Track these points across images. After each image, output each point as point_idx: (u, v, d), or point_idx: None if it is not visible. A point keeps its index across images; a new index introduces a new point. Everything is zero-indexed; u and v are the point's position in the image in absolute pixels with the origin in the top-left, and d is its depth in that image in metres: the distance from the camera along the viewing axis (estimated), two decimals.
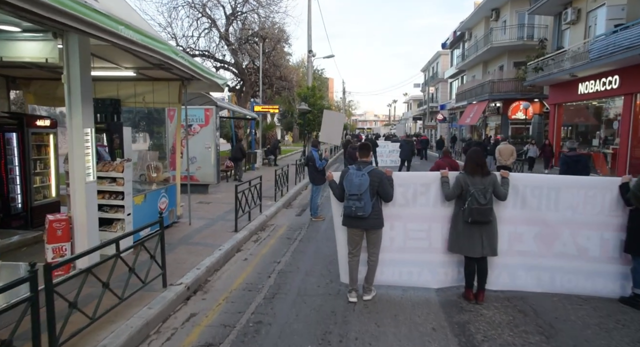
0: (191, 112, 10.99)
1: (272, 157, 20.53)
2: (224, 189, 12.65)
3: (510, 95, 24.45)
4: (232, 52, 21.38)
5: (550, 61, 16.17)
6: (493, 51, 25.82)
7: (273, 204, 10.16)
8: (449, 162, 8.56)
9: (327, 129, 9.18)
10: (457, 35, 35.79)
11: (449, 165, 8.66)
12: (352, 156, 12.74)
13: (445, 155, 8.86)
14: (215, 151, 11.06)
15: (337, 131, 9.38)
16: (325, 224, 8.67)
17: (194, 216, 8.37)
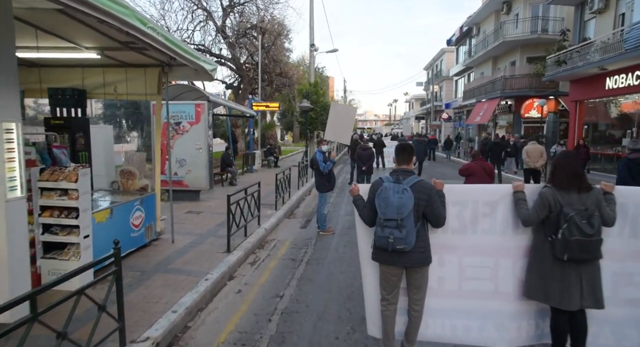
0: (180, 108, 9.63)
1: (271, 159, 19.16)
2: (218, 195, 11.28)
3: (524, 93, 23.09)
4: (229, 45, 20.02)
5: (574, 54, 14.85)
6: (505, 46, 24.47)
7: (273, 214, 8.80)
8: (483, 166, 7.21)
9: (334, 125, 7.77)
10: (463, 31, 34.42)
11: (484, 170, 7.33)
12: (362, 158, 11.38)
13: (477, 159, 7.51)
14: (208, 152, 9.70)
15: (346, 127, 7.92)
16: (337, 238, 7.30)
17: (179, 230, 7.01)
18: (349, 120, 7.83)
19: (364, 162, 11.31)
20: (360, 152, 11.44)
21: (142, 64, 5.89)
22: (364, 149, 11.46)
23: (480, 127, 31.66)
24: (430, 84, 49.14)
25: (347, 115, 7.85)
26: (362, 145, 11.62)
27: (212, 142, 9.96)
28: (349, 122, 7.84)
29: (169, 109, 9.49)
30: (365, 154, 11.37)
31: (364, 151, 11.41)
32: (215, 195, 11.15)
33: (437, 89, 45.66)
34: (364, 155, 11.35)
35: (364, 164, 11.30)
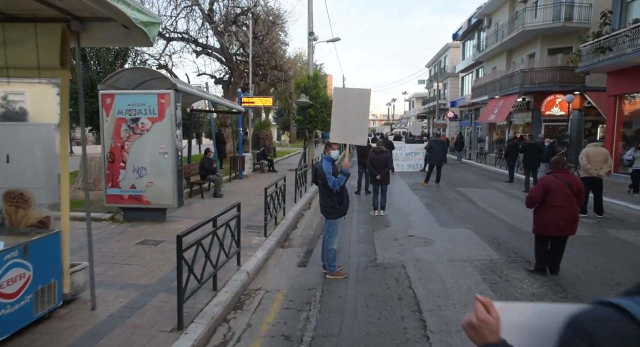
0: (137, 100, 7.23)
1: (264, 162, 16.76)
2: (193, 211, 8.88)
3: (546, 88, 20.83)
4: (216, 32, 17.57)
5: (620, 38, 12.59)
6: (523, 37, 22.17)
7: (261, 243, 6.42)
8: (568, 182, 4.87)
9: (342, 119, 5.35)
10: (471, 23, 32.13)
11: (569, 187, 4.98)
12: (376, 165, 9.02)
13: (558, 168, 5.15)
14: (176, 158, 7.30)
15: (359, 121, 5.42)
16: (352, 287, 4.92)
17: (115, 278, 4.64)
18: (363, 109, 5.37)
19: (378, 169, 8.95)
20: (374, 156, 9.08)
21: (32, 16, 3.49)
22: (378, 152, 9.09)
23: (491, 126, 29.39)
24: (433, 82, 46.88)
25: (360, 103, 5.37)
26: (375, 148, 9.25)
27: (181, 145, 7.56)
28: (363, 113, 5.39)
29: (124, 101, 7.11)
30: (379, 159, 9.00)
31: (378, 155, 9.04)
32: (190, 212, 8.75)
33: (441, 87, 43.35)
34: (379, 160, 8.98)
35: (378, 171, 8.93)
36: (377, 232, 7.56)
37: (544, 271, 5.16)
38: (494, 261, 5.79)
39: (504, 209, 9.66)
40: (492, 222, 8.30)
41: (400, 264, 5.74)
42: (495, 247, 6.49)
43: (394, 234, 7.43)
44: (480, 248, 6.41)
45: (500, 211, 9.41)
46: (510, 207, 9.84)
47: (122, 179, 7.39)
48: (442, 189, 12.81)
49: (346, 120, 5.29)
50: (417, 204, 10.30)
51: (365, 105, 5.37)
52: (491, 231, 7.50)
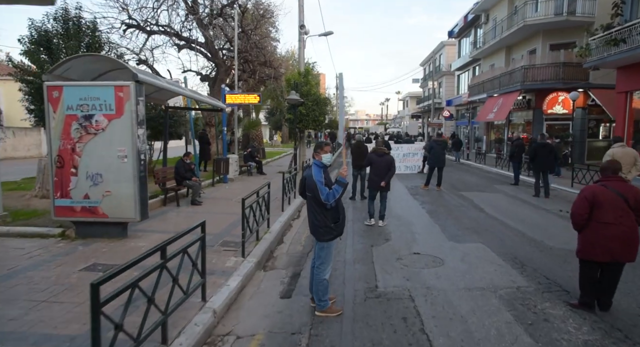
0: (90, 93, 6.06)
1: (252, 164, 15.60)
2: (163, 223, 7.70)
3: (548, 85, 19.90)
4: (200, 24, 16.38)
5: (639, 29, 11.61)
6: (523, 32, 21.25)
7: (236, 268, 5.29)
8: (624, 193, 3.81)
9: None
10: (468, 20, 31.22)
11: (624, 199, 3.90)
12: (377, 169, 7.93)
13: (607, 174, 4.09)
14: (137, 162, 6.14)
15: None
16: (349, 330, 3.78)
17: (35, 325, 3.49)
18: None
19: (379, 174, 7.82)
20: (375, 159, 7.95)
21: None
22: (379, 154, 7.97)
23: (488, 125, 28.48)
24: (428, 80, 45.94)
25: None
26: (377, 149, 8.11)
27: (144, 147, 6.38)
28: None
29: (74, 95, 5.95)
30: (382, 162, 7.86)
31: (380, 158, 7.91)
32: (160, 224, 7.58)
33: (436, 86, 42.42)
34: (380, 164, 7.85)
35: (380, 177, 7.79)
36: (376, 248, 6.46)
37: (591, 306, 4.08)
38: (521, 289, 4.70)
39: (516, 217, 8.61)
40: (506, 234, 7.24)
41: (407, 293, 4.64)
42: (518, 268, 5.41)
43: (396, 250, 6.34)
44: (501, 270, 5.33)
45: (513, 219, 8.35)
46: (524, 215, 8.80)
47: (73, 187, 6.20)
48: (444, 194, 11.75)
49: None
50: (419, 212, 9.22)
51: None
52: (508, 246, 6.43)
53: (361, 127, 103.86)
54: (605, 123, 21.38)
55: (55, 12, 11.90)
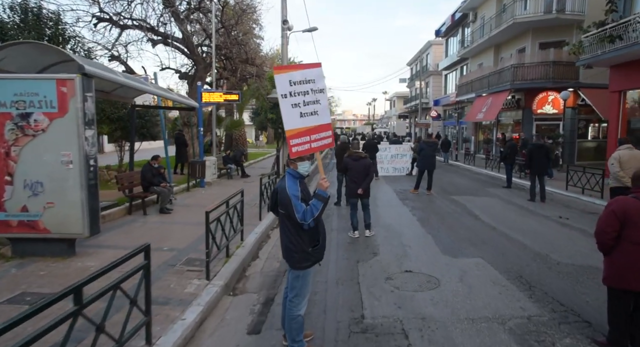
0: (27, 87, 5.16)
1: (233, 167, 14.73)
2: (124, 236, 6.80)
3: (538, 84, 19.46)
4: (176, 18, 15.43)
5: (635, 25, 11.11)
6: (512, 30, 20.79)
7: (199, 293, 4.47)
8: None
9: None
10: (455, 19, 30.80)
11: None
12: (353, 173, 7.17)
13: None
14: (85, 168, 5.26)
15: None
16: None
17: None
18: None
19: (356, 180, 7.07)
20: (350, 163, 7.19)
21: None
22: (355, 158, 7.20)
23: (476, 126, 28.04)
24: (415, 80, 45.52)
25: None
26: (352, 153, 7.34)
27: (93, 151, 5.49)
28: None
29: (8, 89, 5.07)
30: (358, 167, 7.10)
31: (356, 162, 7.15)
32: (119, 237, 6.69)
33: (424, 85, 41.99)
34: (357, 168, 7.09)
35: (357, 184, 7.04)
36: (363, 265, 5.70)
37: (624, 346, 3.37)
38: (534, 319, 3.98)
39: (514, 225, 7.95)
40: (506, 246, 6.55)
41: (399, 326, 3.88)
42: (526, 290, 4.70)
43: (385, 267, 5.58)
44: (506, 293, 4.61)
45: (511, 228, 7.68)
46: (522, 223, 8.14)
47: (8, 198, 5.29)
48: (435, 198, 11.07)
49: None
50: (410, 220, 8.49)
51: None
52: (511, 262, 5.72)
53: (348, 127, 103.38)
54: (594, 123, 21.08)
55: (11, 1, 10.89)
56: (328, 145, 3.67)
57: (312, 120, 3.48)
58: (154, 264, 5.35)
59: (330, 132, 3.65)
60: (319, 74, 3.58)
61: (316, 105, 3.52)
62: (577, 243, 6.64)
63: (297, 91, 3.39)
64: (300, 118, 3.40)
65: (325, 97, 3.67)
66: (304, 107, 3.42)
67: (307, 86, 3.45)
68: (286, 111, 3.34)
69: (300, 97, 3.40)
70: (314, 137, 3.48)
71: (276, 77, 3.33)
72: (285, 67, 3.60)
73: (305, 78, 3.45)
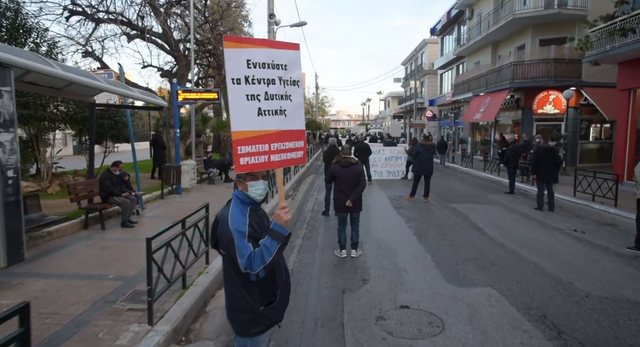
0: None
1: (215, 171, 13.66)
2: (62, 261, 5.68)
3: (539, 83, 18.57)
4: (156, 13, 14.35)
5: None
6: (511, 26, 19.90)
7: (133, 346, 3.42)
8: None
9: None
10: (451, 16, 29.92)
11: None
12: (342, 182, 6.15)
13: None
14: (1, 181, 4.20)
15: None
16: None
17: None
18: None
19: (345, 191, 6.05)
20: (339, 170, 6.15)
21: None
22: (344, 165, 6.16)
23: (473, 126, 27.15)
24: (409, 80, 44.63)
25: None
26: (340, 159, 6.30)
27: (13, 159, 4.42)
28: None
29: None
30: (347, 174, 6.07)
31: (346, 169, 6.12)
32: (57, 263, 5.59)
33: (419, 85, 41.10)
34: (346, 177, 6.07)
35: (346, 195, 6.02)
36: (349, 297, 4.68)
37: None
38: None
39: (525, 241, 6.97)
40: (520, 269, 5.55)
41: None
42: (555, 338, 3.69)
43: (376, 301, 4.57)
44: (531, 344, 3.61)
45: (522, 245, 6.69)
46: (533, 238, 7.16)
47: None
48: (432, 207, 10.08)
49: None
50: (405, 234, 7.48)
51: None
52: (530, 293, 4.72)
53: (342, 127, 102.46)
54: (596, 124, 20.26)
55: None
56: (297, 161, 2.63)
57: (276, 122, 2.44)
58: (89, 299, 4.33)
59: (302, 142, 2.62)
60: (294, 60, 2.54)
61: (285, 102, 2.48)
62: (602, 266, 5.66)
63: (257, 77, 2.34)
64: (258, 117, 2.35)
65: (301, 93, 2.63)
66: (265, 102, 2.37)
67: (273, 72, 2.41)
68: (237, 104, 2.29)
69: (261, 87, 2.35)
70: (277, 147, 2.45)
71: (227, 52, 2.28)
72: (244, 40, 2.46)
73: (272, 60, 2.40)
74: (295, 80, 2.53)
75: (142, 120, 33.90)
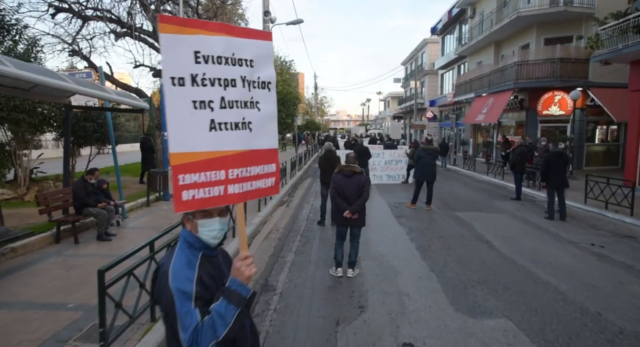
0: None
1: None
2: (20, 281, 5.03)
3: (544, 83, 17.94)
4: (146, 9, 13.72)
5: None
6: (515, 25, 19.28)
7: None
8: None
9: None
10: (452, 15, 29.28)
11: None
12: (344, 194, 5.53)
13: None
14: None
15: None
16: None
17: None
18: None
19: (348, 200, 5.43)
20: (340, 180, 5.52)
21: None
22: (347, 174, 5.53)
23: (475, 128, 26.53)
24: (410, 80, 44.00)
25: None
26: (343, 168, 5.66)
27: None
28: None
29: None
30: (351, 184, 5.45)
31: (348, 179, 5.50)
32: (9, 288, 4.94)
33: (419, 85, 40.47)
34: (349, 187, 5.45)
35: (347, 203, 5.40)
36: (343, 331, 4.05)
37: None
38: None
39: (539, 257, 6.33)
40: (538, 294, 4.91)
41: None
42: None
43: (374, 336, 3.94)
44: None
45: (537, 262, 6.06)
46: (548, 254, 6.52)
47: None
48: (435, 215, 9.45)
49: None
50: (407, 248, 6.85)
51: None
52: (553, 327, 4.08)
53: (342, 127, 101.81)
54: (602, 126, 19.66)
55: None
56: (266, 192, 1.98)
57: (236, 140, 1.80)
58: (37, 337, 3.70)
59: (274, 166, 1.98)
60: (265, 53, 1.90)
61: (250, 112, 1.83)
62: (631, 290, 5.03)
63: (210, 76, 1.71)
64: (211, 133, 1.71)
65: (273, 100, 1.98)
66: (220, 112, 1.73)
67: (234, 70, 1.76)
68: (178, 114, 1.65)
69: (215, 90, 1.72)
70: (238, 175, 1.81)
71: (164, 38, 1.62)
72: (191, 23, 1.70)
73: (232, 53, 1.76)
74: (265, 81, 1.90)
75: (138, 121, 33.28)
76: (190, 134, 1.63)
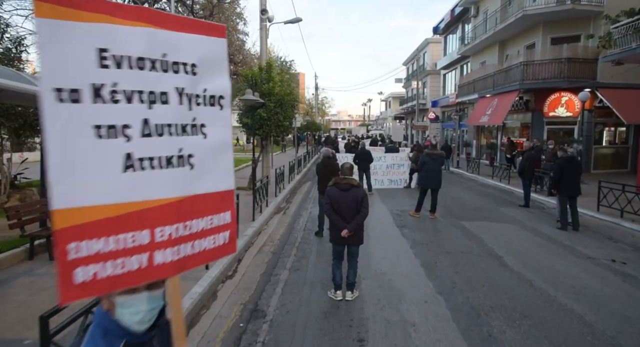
0: None
1: None
2: None
3: (550, 84, 17.38)
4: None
5: None
6: (521, 24, 18.72)
7: None
8: None
9: None
10: (455, 14, 28.70)
11: None
12: (340, 209, 4.98)
13: None
14: None
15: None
16: None
17: None
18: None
19: (344, 216, 4.87)
20: (336, 194, 4.95)
21: None
22: (344, 188, 4.96)
23: (478, 129, 25.92)
24: (411, 80, 43.43)
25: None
26: (339, 180, 5.07)
27: None
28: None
29: None
30: (346, 199, 4.89)
31: (345, 193, 4.93)
32: None
33: (421, 86, 39.90)
34: (346, 201, 4.89)
35: (344, 219, 4.85)
36: None
37: None
38: None
39: (556, 276, 5.78)
40: (561, 325, 4.34)
41: None
42: None
43: None
44: None
45: (554, 283, 5.49)
46: (565, 272, 5.96)
47: None
48: (440, 225, 8.90)
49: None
50: (411, 265, 6.29)
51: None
52: None
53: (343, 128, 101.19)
54: (610, 127, 19.08)
55: None
56: (218, 252, 1.41)
57: (167, 183, 1.24)
58: None
59: (229, 214, 1.40)
60: (215, 55, 1.32)
61: (190, 141, 1.30)
62: None
63: (124, 88, 1.16)
64: (126, 173, 1.16)
65: (227, 123, 1.42)
66: (142, 141, 1.18)
67: (165, 79, 1.22)
68: (67, 147, 1.08)
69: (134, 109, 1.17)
70: (170, 234, 1.24)
71: (43, 26, 1.05)
72: (93, 5, 1.10)
73: (161, 54, 1.22)
74: (215, 95, 1.32)
75: None
76: (89, 178, 1.07)
